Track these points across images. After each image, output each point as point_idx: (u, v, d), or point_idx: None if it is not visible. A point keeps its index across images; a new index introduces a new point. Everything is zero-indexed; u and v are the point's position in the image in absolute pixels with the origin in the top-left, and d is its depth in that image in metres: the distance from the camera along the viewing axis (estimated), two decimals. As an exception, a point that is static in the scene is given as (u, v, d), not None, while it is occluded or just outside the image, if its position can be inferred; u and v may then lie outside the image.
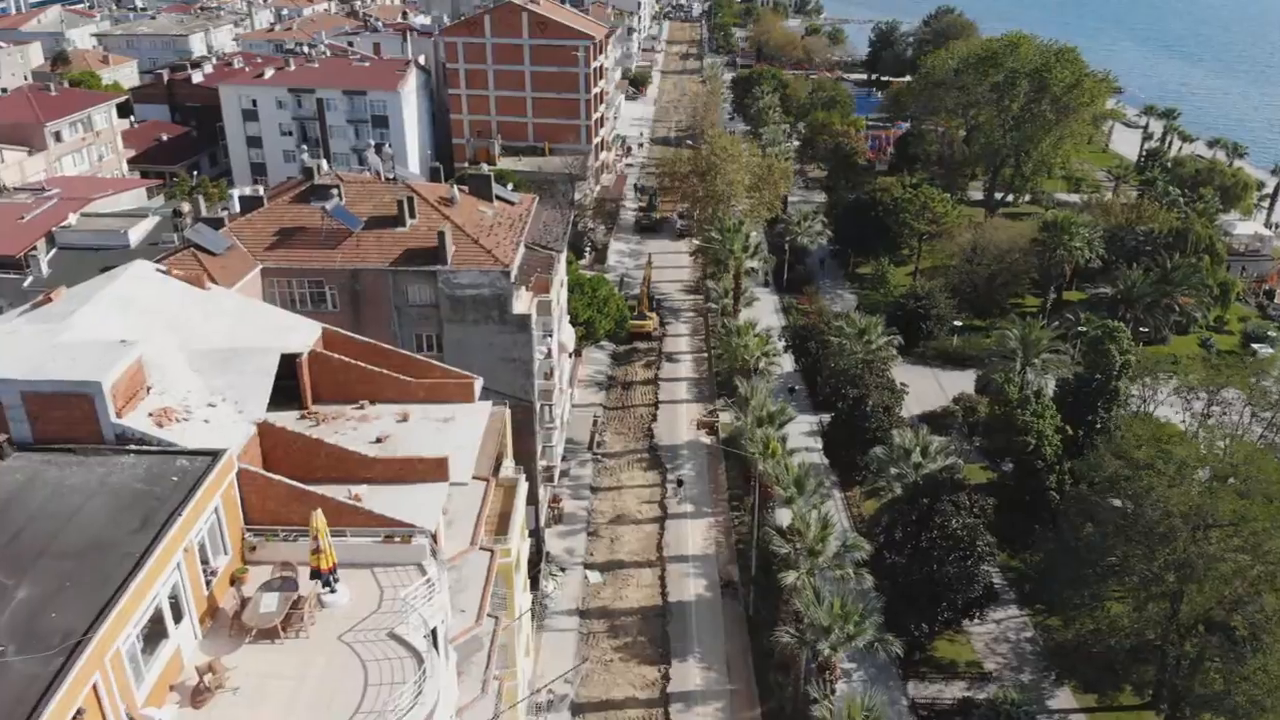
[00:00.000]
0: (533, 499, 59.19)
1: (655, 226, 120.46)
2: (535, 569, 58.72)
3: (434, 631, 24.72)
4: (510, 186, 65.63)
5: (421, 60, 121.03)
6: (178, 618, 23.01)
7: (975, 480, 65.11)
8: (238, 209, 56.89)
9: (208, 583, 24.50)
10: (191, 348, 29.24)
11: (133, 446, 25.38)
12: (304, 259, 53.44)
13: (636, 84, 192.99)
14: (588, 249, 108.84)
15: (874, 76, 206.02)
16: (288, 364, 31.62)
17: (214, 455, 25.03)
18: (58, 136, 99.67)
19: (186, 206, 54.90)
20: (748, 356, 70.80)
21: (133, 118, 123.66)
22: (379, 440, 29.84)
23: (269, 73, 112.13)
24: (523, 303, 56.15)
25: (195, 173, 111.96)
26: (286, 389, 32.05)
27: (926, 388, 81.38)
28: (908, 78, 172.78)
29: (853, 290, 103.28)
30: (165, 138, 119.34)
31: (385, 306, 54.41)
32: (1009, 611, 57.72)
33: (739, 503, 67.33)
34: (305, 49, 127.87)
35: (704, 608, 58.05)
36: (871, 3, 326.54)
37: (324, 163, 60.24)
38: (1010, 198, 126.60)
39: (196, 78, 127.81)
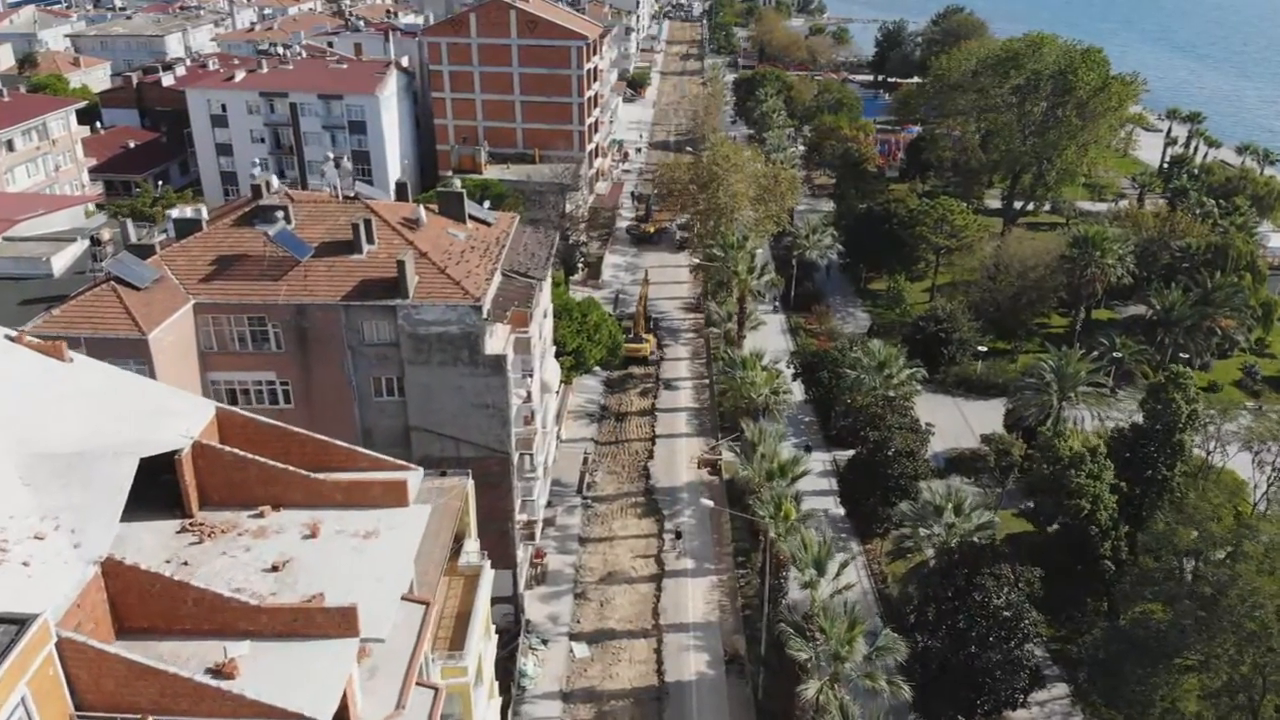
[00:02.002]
0: (510, 562, 52.11)
1: (651, 237, 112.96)
2: (513, 643, 51.61)
3: None
4: (487, 204, 58.51)
5: (405, 62, 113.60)
6: None
7: (1010, 529, 57.97)
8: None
9: (4, 809, 17.36)
10: (29, 449, 22.09)
11: (-89, 608, 18.31)
12: (243, 292, 46.42)
13: (635, 85, 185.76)
14: (580, 264, 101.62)
15: (880, 78, 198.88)
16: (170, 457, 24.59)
17: (21, 624, 17.91)
18: (9, 145, 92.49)
19: (107, 234, 47.86)
20: (755, 394, 63.17)
21: (99, 123, 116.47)
22: (275, 568, 22.62)
23: (239, 75, 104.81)
24: (498, 341, 48.99)
25: (161, 183, 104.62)
26: (171, 487, 25.07)
27: (950, 420, 74.13)
28: (916, 79, 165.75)
29: (865, 308, 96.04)
30: (132, 145, 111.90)
31: (337, 347, 47.33)
32: (1053, 691, 50.42)
33: (745, 558, 60.06)
34: (280, 50, 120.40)
35: (706, 688, 50.71)
36: (876, 2, 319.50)
37: (274, 178, 53.10)
38: (1030, 206, 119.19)
39: (168, 80, 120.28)
